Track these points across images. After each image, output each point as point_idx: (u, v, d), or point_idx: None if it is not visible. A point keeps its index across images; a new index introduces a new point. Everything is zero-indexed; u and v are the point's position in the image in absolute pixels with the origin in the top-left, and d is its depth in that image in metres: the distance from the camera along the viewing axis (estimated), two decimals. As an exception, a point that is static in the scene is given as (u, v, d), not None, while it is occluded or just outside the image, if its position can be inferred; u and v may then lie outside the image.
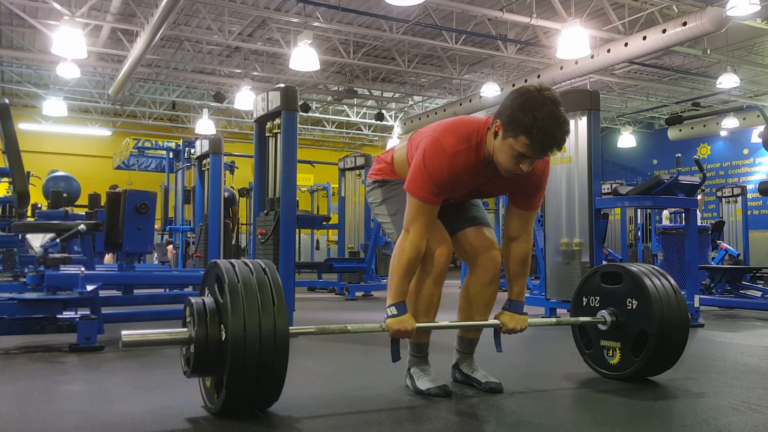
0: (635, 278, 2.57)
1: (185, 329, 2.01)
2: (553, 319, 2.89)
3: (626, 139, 17.87)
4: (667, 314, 2.47)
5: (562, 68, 10.71)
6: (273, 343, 1.88)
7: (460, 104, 13.42)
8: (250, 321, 1.87)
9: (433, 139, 2.20)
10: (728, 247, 9.60)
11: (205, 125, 15.10)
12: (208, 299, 2.03)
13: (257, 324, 1.87)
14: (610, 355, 2.64)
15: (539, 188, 2.35)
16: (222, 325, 1.93)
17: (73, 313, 3.53)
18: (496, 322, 2.40)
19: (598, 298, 2.70)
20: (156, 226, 8.89)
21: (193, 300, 2.02)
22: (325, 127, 18.37)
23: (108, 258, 9.43)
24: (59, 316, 3.44)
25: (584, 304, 2.75)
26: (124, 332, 1.94)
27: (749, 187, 11.85)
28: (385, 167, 2.52)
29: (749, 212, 11.29)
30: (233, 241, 9.17)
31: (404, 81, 14.51)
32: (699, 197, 6.00)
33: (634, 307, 2.55)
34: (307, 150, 17.65)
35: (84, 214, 7.10)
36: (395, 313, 2.20)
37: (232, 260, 2.04)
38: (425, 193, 2.19)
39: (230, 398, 1.91)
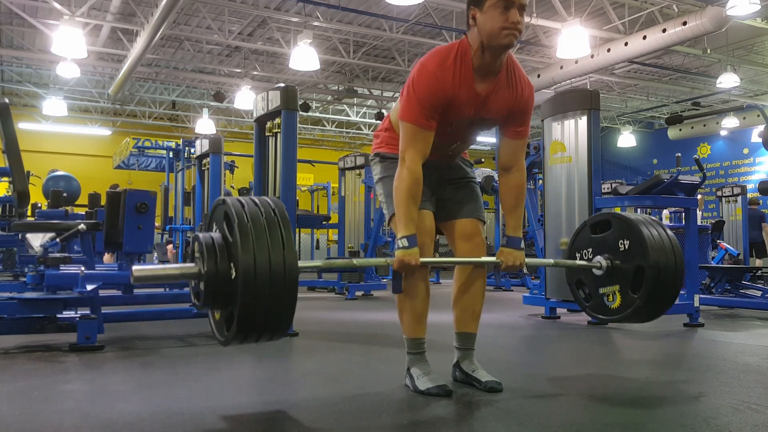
0: (624, 221, 2.60)
1: (194, 264, 2.02)
2: (551, 261, 2.87)
3: (626, 139, 17.87)
4: (659, 246, 2.50)
5: (562, 68, 10.71)
6: (283, 276, 1.87)
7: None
8: (260, 256, 1.86)
9: (419, 65, 2.31)
10: (728, 246, 9.59)
11: (205, 125, 15.11)
12: (216, 234, 2.02)
13: (267, 258, 1.87)
14: (610, 300, 2.64)
15: (526, 111, 2.44)
16: (231, 261, 1.93)
17: (73, 312, 3.53)
18: (495, 259, 2.45)
19: (591, 249, 2.70)
20: (157, 224, 8.87)
21: (201, 236, 2.02)
22: (325, 126, 18.37)
23: (107, 258, 9.44)
24: (59, 315, 3.44)
25: (578, 259, 2.75)
26: (135, 267, 1.98)
27: (749, 186, 11.85)
28: (383, 135, 2.59)
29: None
30: None
31: (404, 80, 14.48)
32: (699, 197, 6.00)
33: (626, 247, 2.57)
34: (307, 149, 17.65)
35: (84, 213, 7.11)
36: (406, 245, 2.24)
37: (240, 198, 2.04)
38: (416, 117, 2.27)
39: (241, 331, 1.92)
